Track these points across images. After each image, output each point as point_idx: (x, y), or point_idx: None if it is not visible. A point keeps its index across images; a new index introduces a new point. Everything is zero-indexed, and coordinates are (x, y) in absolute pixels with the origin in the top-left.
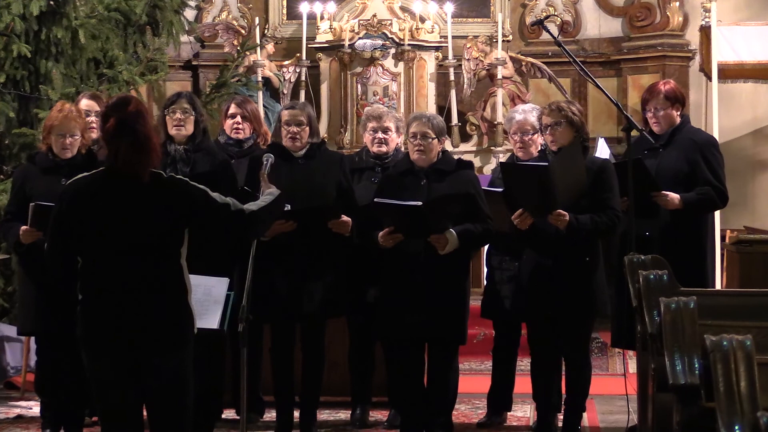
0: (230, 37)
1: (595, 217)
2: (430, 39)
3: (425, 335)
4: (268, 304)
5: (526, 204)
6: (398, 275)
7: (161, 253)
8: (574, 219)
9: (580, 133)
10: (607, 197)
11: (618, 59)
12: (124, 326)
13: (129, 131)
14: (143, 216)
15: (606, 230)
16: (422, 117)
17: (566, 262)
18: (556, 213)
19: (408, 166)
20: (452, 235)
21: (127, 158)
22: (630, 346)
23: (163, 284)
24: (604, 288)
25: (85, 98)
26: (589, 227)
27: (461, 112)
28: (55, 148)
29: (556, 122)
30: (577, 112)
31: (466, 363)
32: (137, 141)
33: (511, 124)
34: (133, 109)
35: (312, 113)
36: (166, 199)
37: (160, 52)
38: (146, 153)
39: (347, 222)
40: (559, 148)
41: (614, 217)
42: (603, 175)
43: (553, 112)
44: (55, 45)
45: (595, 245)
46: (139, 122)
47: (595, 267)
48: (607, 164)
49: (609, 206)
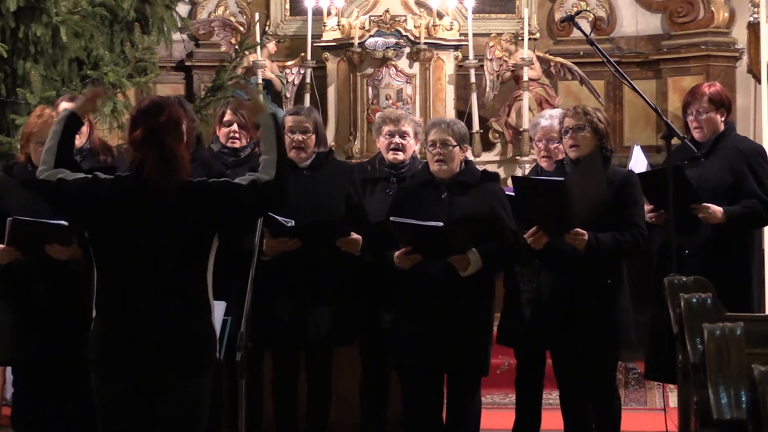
0: (227, 35)
1: (618, 236)
2: (449, 37)
3: (444, 365)
4: (269, 330)
5: (540, 221)
6: (415, 299)
7: (187, 268)
8: (593, 238)
9: (603, 143)
10: (630, 213)
11: (657, 59)
12: (143, 348)
13: (157, 144)
14: (168, 228)
15: (629, 250)
16: (442, 123)
17: (585, 286)
18: (573, 232)
19: (427, 178)
20: (475, 255)
21: (153, 172)
22: (670, 377)
23: (187, 302)
24: (629, 314)
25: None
26: (610, 247)
27: (483, 118)
28: (34, 158)
29: (579, 126)
30: (603, 119)
31: (488, 396)
32: (163, 156)
33: (536, 130)
34: (165, 120)
35: (318, 119)
36: (191, 206)
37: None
38: (173, 169)
39: (357, 240)
40: (578, 157)
41: (638, 235)
42: (627, 188)
43: (577, 114)
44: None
45: (618, 266)
46: (169, 134)
47: (617, 290)
48: (632, 176)
49: (633, 223)
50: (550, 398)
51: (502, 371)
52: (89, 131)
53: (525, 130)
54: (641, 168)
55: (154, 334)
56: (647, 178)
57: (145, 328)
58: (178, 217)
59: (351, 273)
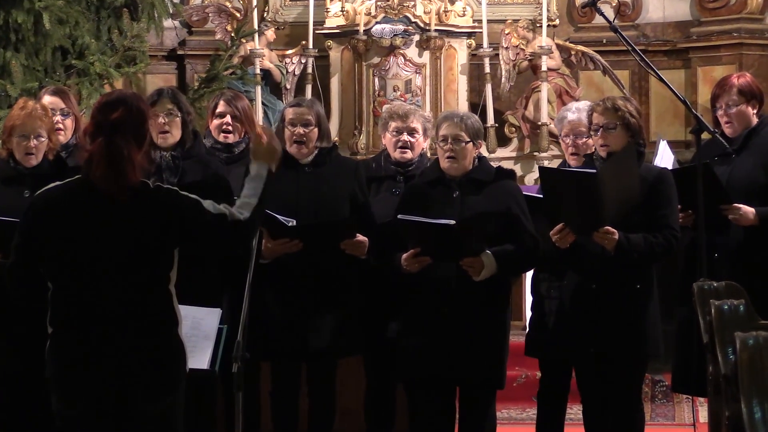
0: (223, 22)
1: (650, 237)
2: (462, 24)
3: (456, 377)
4: (267, 339)
5: (567, 218)
6: (424, 305)
7: (146, 278)
8: (624, 238)
9: (636, 138)
10: (664, 214)
11: (686, 47)
12: (103, 365)
13: (105, 142)
14: (124, 235)
15: (661, 253)
16: (454, 117)
17: (613, 290)
18: (602, 230)
19: (437, 175)
20: (489, 257)
21: (98, 173)
22: (700, 390)
23: (148, 315)
24: (657, 323)
25: (47, 94)
26: (641, 249)
27: (498, 111)
28: (17, 153)
29: (610, 125)
30: (635, 112)
31: (504, 410)
32: (110, 155)
33: (563, 125)
34: (117, 117)
35: (321, 112)
36: (151, 215)
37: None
38: (120, 172)
39: (363, 242)
40: (610, 153)
41: (671, 237)
42: (660, 186)
43: (608, 111)
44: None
45: (648, 271)
46: (119, 133)
47: (647, 297)
48: (666, 174)
49: (666, 225)
50: (571, 413)
51: (519, 384)
52: (75, 126)
53: (543, 124)
54: (667, 165)
55: (112, 350)
56: (674, 176)
57: (102, 343)
58: (136, 220)
59: (356, 278)
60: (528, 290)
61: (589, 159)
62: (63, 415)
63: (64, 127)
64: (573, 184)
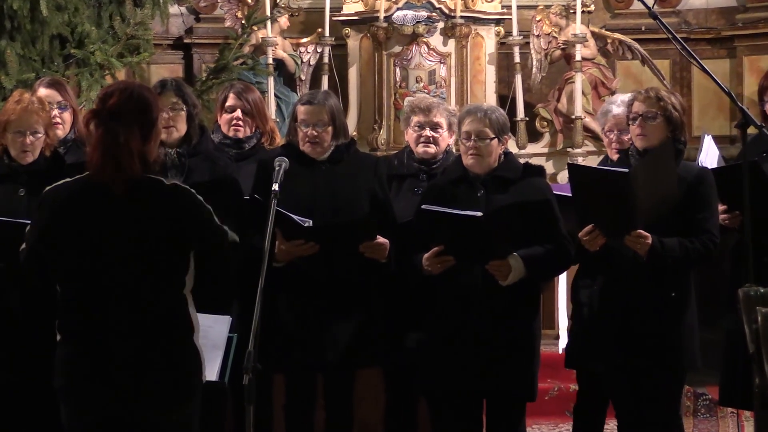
0: (233, 8)
1: (686, 243)
2: (489, 10)
3: (483, 390)
4: (281, 349)
5: (597, 219)
6: (448, 312)
7: (158, 281)
8: (658, 243)
9: (676, 133)
10: (703, 217)
11: (731, 35)
12: (115, 373)
13: (100, 132)
14: (137, 235)
15: (697, 260)
16: (478, 111)
17: (645, 299)
18: (635, 234)
19: (461, 173)
20: (517, 260)
21: (94, 163)
22: (746, 403)
23: (163, 320)
24: (695, 334)
25: (42, 86)
26: (677, 254)
27: (529, 104)
28: (13, 149)
29: (650, 114)
30: (678, 106)
31: (535, 425)
32: (105, 143)
33: (607, 119)
34: (113, 104)
35: (336, 107)
36: (165, 214)
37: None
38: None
39: (384, 244)
40: (646, 148)
41: (710, 243)
42: (700, 187)
43: (649, 99)
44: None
45: (685, 277)
46: (116, 120)
47: (683, 306)
48: (706, 174)
49: (705, 229)
50: (607, 428)
51: (551, 397)
52: (73, 120)
53: (577, 117)
54: (713, 162)
55: (124, 358)
56: (719, 174)
57: (113, 351)
58: (148, 219)
59: (376, 283)
60: (561, 295)
61: (624, 155)
62: (73, 427)
63: (61, 121)
64: (604, 184)
